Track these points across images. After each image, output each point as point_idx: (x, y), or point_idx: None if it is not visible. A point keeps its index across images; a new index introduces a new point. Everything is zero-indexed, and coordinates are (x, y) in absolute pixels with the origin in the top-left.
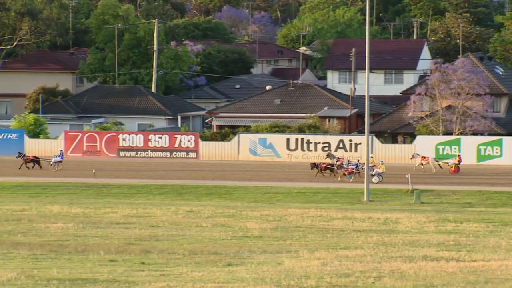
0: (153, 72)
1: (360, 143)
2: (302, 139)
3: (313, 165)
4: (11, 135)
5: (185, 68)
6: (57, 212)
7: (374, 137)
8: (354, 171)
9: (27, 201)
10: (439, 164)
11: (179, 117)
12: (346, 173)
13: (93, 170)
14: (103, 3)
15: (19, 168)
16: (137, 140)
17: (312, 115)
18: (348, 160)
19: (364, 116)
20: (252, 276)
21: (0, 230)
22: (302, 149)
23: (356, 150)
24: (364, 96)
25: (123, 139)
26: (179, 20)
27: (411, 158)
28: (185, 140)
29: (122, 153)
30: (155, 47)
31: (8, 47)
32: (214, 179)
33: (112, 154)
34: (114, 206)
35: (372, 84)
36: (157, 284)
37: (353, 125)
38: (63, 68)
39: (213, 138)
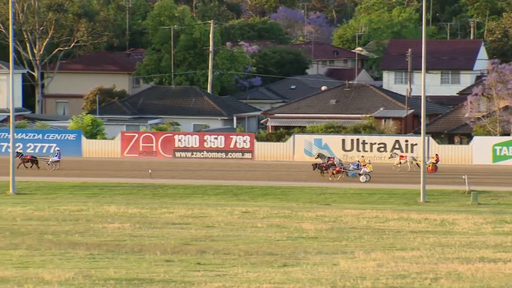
0: (209, 73)
1: (416, 144)
2: (358, 139)
3: (315, 166)
4: (69, 135)
5: (241, 69)
6: (114, 212)
7: (431, 138)
8: (342, 170)
9: (84, 202)
10: (417, 163)
11: (234, 118)
12: (334, 172)
13: (149, 171)
14: (159, 5)
15: (17, 168)
16: (192, 140)
17: (368, 115)
18: (339, 159)
19: (420, 117)
20: (308, 277)
21: (58, 230)
22: (358, 150)
23: (412, 151)
24: (420, 96)
25: (179, 140)
26: (235, 21)
27: (390, 158)
28: (241, 140)
29: (178, 154)
30: (210, 48)
31: (66, 48)
32: (269, 180)
33: (168, 155)
34: (170, 207)
35: (428, 84)
36: (212, 284)
37: (409, 125)
38: (119, 69)
39: (268, 138)
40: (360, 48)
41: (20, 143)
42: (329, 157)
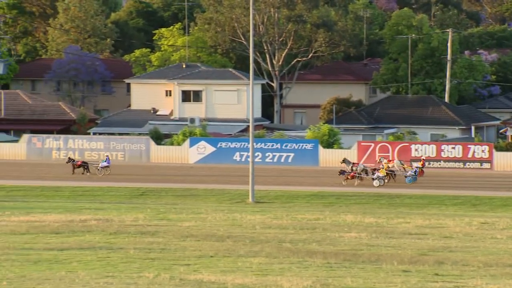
0: (447, 82)
1: None
2: None
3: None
4: (306, 145)
5: (479, 78)
6: (351, 221)
7: None
8: (357, 175)
9: (321, 210)
10: (404, 168)
11: (472, 127)
12: (349, 177)
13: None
14: (397, 14)
15: (72, 173)
16: (429, 150)
17: None
18: (364, 166)
19: None
20: None
21: (296, 239)
22: None
23: None
24: None
25: (415, 149)
26: (474, 29)
27: (378, 162)
28: (479, 150)
29: (414, 163)
30: (448, 57)
31: (304, 59)
32: (509, 191)
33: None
34: (406, 216)
35: None
36: None
37: None
38: (356, 79)
39: (508, 148)
40: None
41: (259, 153)
42: (353, 163)
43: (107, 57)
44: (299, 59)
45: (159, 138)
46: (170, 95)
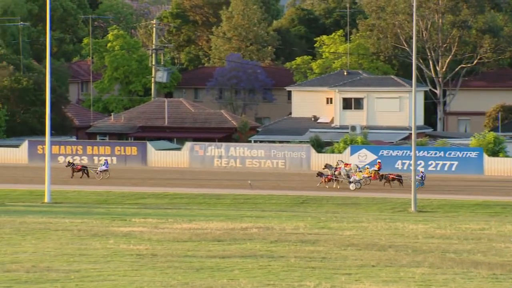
0: None
1: None
2: None
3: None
4: (470, 153)
5: None
6: None
7: None
8: (334, 178)
9: (487, 220)
10: (360, 171)
11: None
12: (326, 179)
13: None
14: None
15: (71, 177)
16: None
17: None
18: (346, 170)
19: None
20: None
21: (460, 249)
22: None
23: None
24: None
25: None
26: None
27: (336, 165)
28: None
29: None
30: None
31: (468, 65)
32: None
33: None
34: None
35: None
36: None
37: None
38: None
39: None
40: None
41: (421, 161)
42: (335, 168)
43: (268, 64)
44: (464, 66)
45: (320, 146)
46: (331, 103)
